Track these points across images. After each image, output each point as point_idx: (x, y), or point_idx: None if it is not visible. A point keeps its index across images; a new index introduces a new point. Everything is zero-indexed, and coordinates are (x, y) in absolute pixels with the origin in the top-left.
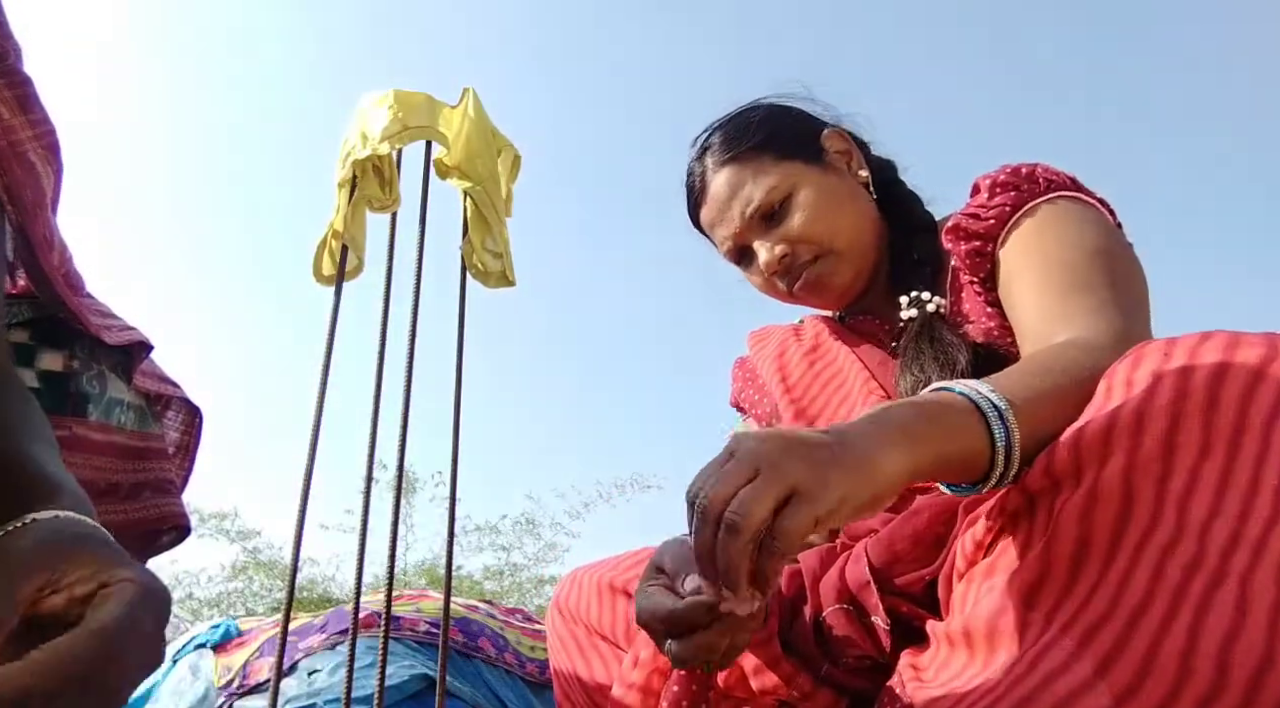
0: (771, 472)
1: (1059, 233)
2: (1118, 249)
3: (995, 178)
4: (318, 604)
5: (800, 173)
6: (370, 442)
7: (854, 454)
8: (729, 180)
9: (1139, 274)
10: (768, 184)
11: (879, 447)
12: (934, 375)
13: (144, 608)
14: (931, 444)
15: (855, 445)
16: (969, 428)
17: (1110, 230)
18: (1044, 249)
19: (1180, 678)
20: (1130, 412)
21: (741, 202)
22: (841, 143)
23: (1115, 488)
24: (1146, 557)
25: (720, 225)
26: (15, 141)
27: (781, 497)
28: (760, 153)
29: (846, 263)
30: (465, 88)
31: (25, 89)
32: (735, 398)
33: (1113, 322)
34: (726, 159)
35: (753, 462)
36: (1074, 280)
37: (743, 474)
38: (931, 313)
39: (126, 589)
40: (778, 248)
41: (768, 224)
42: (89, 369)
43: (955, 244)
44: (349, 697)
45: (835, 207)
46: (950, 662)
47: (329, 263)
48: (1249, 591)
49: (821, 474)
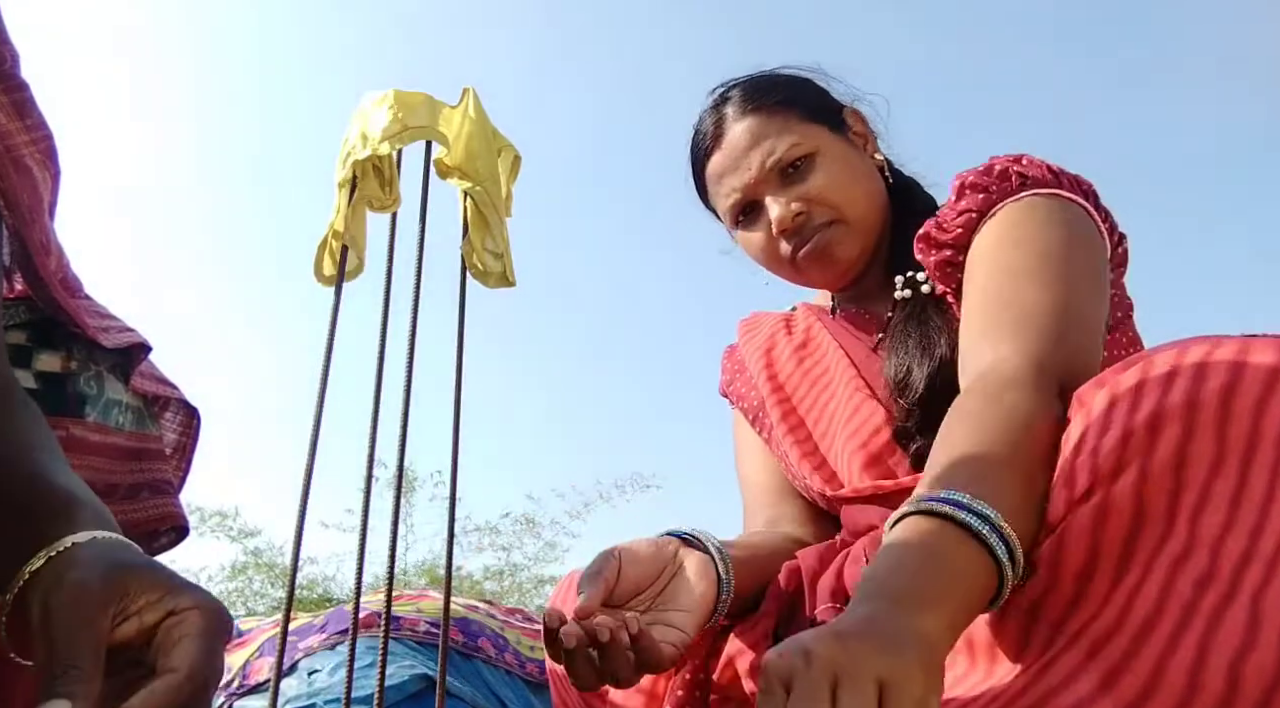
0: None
1: (1013, 236)
2: (1077, 252)
3: (965, 179)
4: (318, 604)
5: (824, 137)
6: (370, 441)
7: (896, 633)
8: (751, 129)
9: (1097, 280)
10: (792, 139)
11: (912, 617)
12: (914, 360)
13: (217, 638)
14: (951, 597)
15: (889, 624)
16: (971, 558)
17: (1076, 232)
18: (994, 256)
19: (1188, 694)
20: (1142, 423)
21: (763, 152)
22: (861, 124)
23: (1126, 501)
24: (1157, 570)
25: (732, 174)
26: (12, 146)
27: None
28: (788, 108)
29: (856, 236)
30: (465, 88)
31: (22, 94)
32: (724, 388)
33: (1032, 347)
34: (750, 109)
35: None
36: (1008, 290)
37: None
38: (926, 295)
39: (196, 619)
40: (794, 205)
41: (784, 179)
42: (87, 370)
43: (925, 255)
44: (349, 697)
45: (854, 177)
46: (952, 668)
47: (329, 263)
48: (1261, 607)
49: (900, 660)
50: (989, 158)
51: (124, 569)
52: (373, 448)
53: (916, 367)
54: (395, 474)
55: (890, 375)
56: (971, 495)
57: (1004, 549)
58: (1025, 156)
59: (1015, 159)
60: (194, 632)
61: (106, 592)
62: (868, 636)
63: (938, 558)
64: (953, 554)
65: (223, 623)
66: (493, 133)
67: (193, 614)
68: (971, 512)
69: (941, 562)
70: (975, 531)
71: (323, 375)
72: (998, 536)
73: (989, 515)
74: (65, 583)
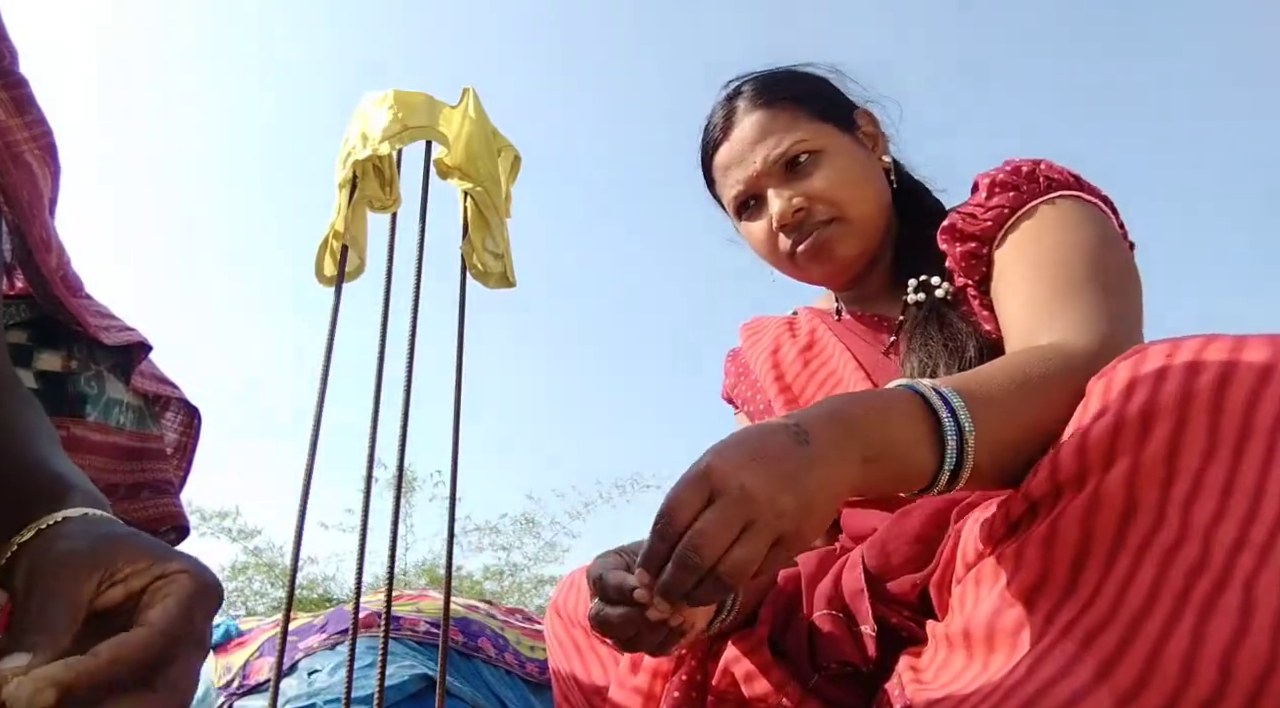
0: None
1: (1054, 234)
2: (1113, 252)
3: (994, 177)
4: (318, 604)
5: (832, 135)
6: (370, 441)
7: (816, 475)
8: (760, 122)
9: (1133, 279)
10: (798, 135)
11: (838, 464)
12: (942, 362)
13: (201, 601)
14: (885, 460)
15: (819, 462)
16: (917, 421)
17: (1108, 232)
18: (1038, 250)
19: (1183, 682)
20: (1135, 415)
21: (769, 146)
22: (871, 125)
23: (1118, 492)
24: (1149, 560)
25: (738, 166)
26: (12, 142)
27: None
28: (797, 105)
29: (857, 235)
30: (465, 88)
31: (22, 90)
32: (727, 392)
33: (1098, 327)
34: (761, 103)
35: (747, 513)
36: (1064, 282)
37: (701, 494)
38: (940, 298)
39: (184, 582)
40: (795, 200)
41: (788, 174)
42: (87, 370)
43: (950, 246)
44: (349, 697)
45: (858, 177)
46: (950, 663)
47: (330, 263)
48: (1254, 594)
49: (779, 496)
50: (1005, 160)
51: (113, 539)
52: (373, 448)
53: (944, 369)
54: (395, 474)
55: (914, 376)
56: (952, 388)
57: (953, 428)
58: (1044, 161)
59: (1036, 162)
60: (177, 592)
61: (93, 558)
62: (793, 483)
63: (886, 405)
64: (902, 412)
65: (210, 588)
66: (493, 133)
67: (181, 577)
68: (936, 392)
69: (883, 412)
70: (930, 402)
71: (323, 375)
72: (950, 413)
73: (950, 398)
74: (52, 552)
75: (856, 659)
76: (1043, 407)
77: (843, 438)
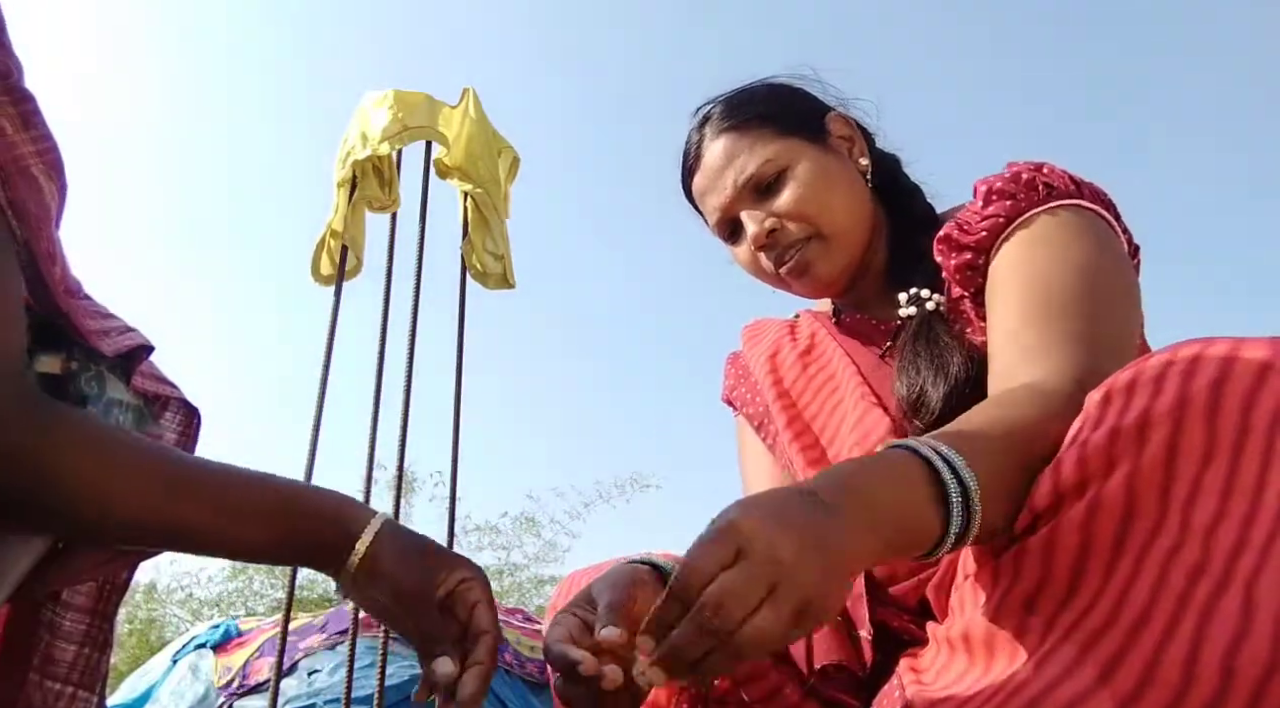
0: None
1: (1048, 249)
2: (1107, 268)
3: (991, 184)
4: (318, 604)
5: (799, 149)
6: (370, 442)
7: (841, 542)
8: (725, 148)
9: (1126, 295)
10: (764, 156)
11: (861, 532)
12: (928, 380)
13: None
14: (897, 527)
15: (841, 530)
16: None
17: (1106, 245)
18: (1030, 270)
19: (1184, 685)
20: (1133, 421)
21: (735, 170)
22: (845, 128)
23: (1117, 497)
24: (1149, 563)
25: (711, 194)
26: (18, 156)
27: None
28: (761, 124)
29: (836, 250)
30: (465, 88)
31: (28, 106)
32: (727, 394)
33: (1078, 359)
34: (726, 128)
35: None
36: (1055, 310)
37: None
38: (930, 311)
39: (481, 587)
40: (767, 221)
41: (759, 196)
42: (87, 370)
43: (945, 257)
44: (349, 697)
45: (829, 187)
46: (951, 665)
47: (328, 263)
48: (1254, 596)
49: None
50: (1007, 164)
51: (433, 553)
52: (373, 448)
53: (931, 387)
54: (395, 475)
55: (903, 395)
56: (949, 447)
57: (957, 489)
58: (1046, 165)
59: (1037, 167)
60: (485, 598)
61: (436, 573)
62: (820, 550)
63: (892, 471)
64: (905, 476)
65: (488, 584)
66: (492, 134)
67: (476, 583)
68: (936, 452)
69: (891, 479)
70: (932, 464)
71: (323, 375)
72: (952, 473)
73: (952, 458)
74: (410, 567)
75: (853, 664)
76: (1029, 454)
77: (859, 507)
